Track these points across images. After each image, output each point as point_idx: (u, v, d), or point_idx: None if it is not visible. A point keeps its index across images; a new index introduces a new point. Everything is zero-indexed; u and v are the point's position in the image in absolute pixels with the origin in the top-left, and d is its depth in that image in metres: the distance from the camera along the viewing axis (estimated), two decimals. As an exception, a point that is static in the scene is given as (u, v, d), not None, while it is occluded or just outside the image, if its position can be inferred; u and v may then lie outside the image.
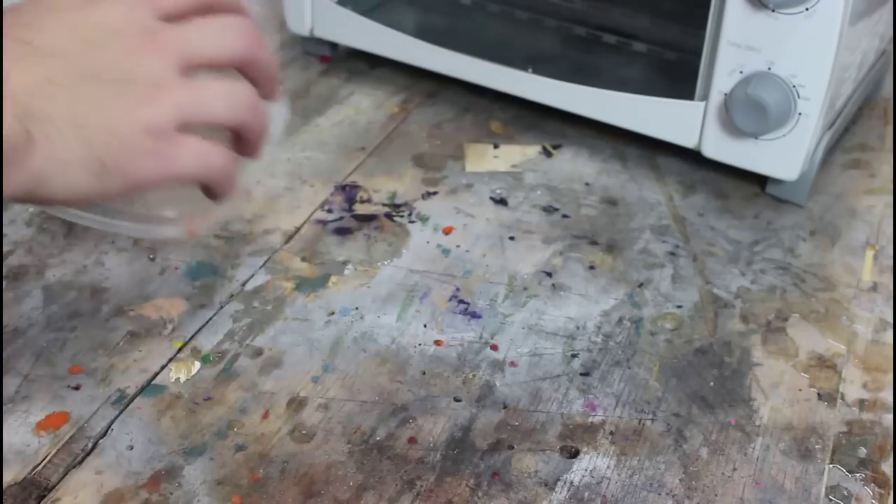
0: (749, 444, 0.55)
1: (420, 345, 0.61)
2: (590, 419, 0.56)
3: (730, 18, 0.66)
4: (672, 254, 0.69)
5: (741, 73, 0.68)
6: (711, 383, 0.59)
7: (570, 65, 0.81)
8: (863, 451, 0.55)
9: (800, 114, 0.67)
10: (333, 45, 0.90)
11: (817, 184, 0.75)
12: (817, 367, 0.60)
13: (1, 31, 0.35)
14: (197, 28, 0.40)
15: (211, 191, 0.43)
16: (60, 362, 0.58)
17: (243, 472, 0.52)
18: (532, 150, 0.80)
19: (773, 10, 0.64)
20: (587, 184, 0.77)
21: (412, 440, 0.54)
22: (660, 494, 0.52)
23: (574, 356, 0.60)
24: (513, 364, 0.60)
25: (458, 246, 0.69)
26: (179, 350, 0.60)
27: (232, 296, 0.64)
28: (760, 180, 0.76)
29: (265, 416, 0.56)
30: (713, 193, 0.76)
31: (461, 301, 0.64)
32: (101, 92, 0.37)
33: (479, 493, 0.51)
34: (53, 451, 0.53)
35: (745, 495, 0.52)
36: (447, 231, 0.71)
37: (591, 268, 0.68)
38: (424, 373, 0.59)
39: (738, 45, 0.67)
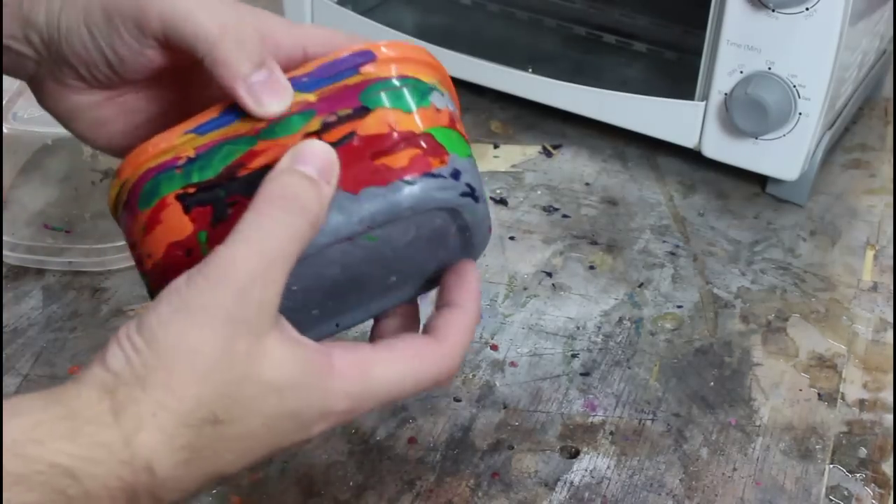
0: (749, 444, 0.55)
1: (420, 345, 0.61)
2: (590, 419, 0.56)
3: (730, 18, 0.66)
4: (672, 254, 0.69)
5: (741, 73, 0.68)
6: (711, 383, 0.59)
7: (570, 65, 0.81)
8: (863, 452, 0.55)
9: (800, 114, 0.67)
10: (333, 45, 0.90)
11: (817, 184, 0.75)
12: (817, 367, 0.60)
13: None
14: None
15: None
16: (60, 362, 0.58)
17: (243, 472, 0.52)
18: (532, 150, 0.80)
19: (774, 10, 0.64)
20: (587, 184, 0.77)
21: (412, 440, 0.54)
22: (660, 494, 0.52)
23: (574, 356, 0.60)
24: (513, 364, 0.60)
25: (458, 246, 0.69)
26: (179, 350, 0.60)
27: (232, 296, 0.64)
28: (760, 180, 0.76)
29: (265, 416, 0.55)
30: (713, 193, 0.76)
31: (461, 301, 0.64)
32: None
33: (479, 493, 0.51)
34: (53, 451, 0.53)
35: (746, 495, 0.52)
36: (447, 231, 0.71)
37: (591, 268, 0.68)
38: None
39: (738, 45, 0.67)
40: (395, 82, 0.38)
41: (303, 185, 0.35)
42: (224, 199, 0.37)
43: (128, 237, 0.39)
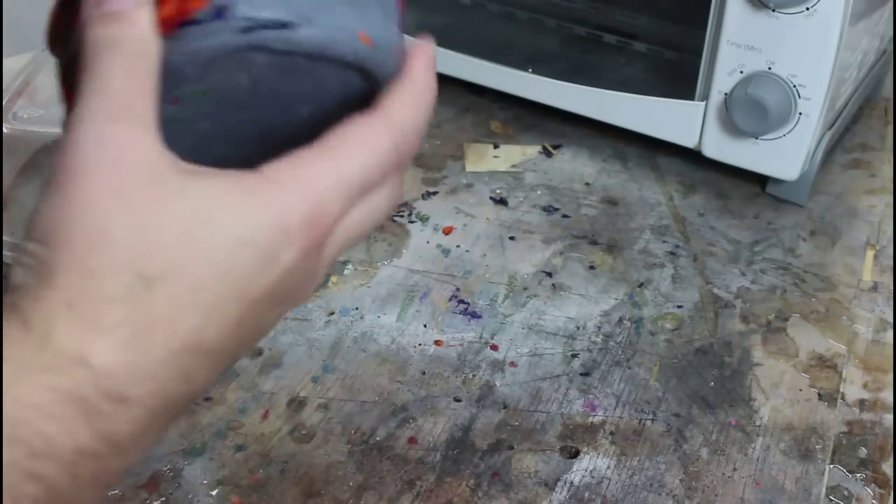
0: (749, 444, 0.55)
1: (420, 345, 0.61)
2: (590, 419, 0.56)
3: (730, 18, 0.66)
4: (672, 254, 0.69)
5: (741, 72, 0.68)
6: (712, 383, 0.59)
7: (570, 65, 0.81)
8: (863, 452, 0.55)
9: (800, 114, 0.67)
10: (333, 45, 0.90)
11: (818, 184, 0.75)
12: (818, 367, 0.60)
13: None
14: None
15: None
16: (60, 362, 0.58)
17: (243, 472, 0.52)
18: (532, 150, 0.80)
19: (774, 10, 0.64)
20: (587, 184, 0.77)
21: (412, 440, 0.54)
22: (660, 495, 0.52)
23: (574, 356, 0.60)
24: (513, 364, 0.60)
25: (458, 246, 0.69)
26: (179, 350, 0.60)
27: (232, 296, 0.64)
28: (760, 180, 0.76)
29: (265, 416, 0.56)
30: (713, 193, 0.76)
31: (461, 301, 0.64)
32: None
33: (479, 493, 0.51)
34: (53, 452, 0.53)
35: (746, 495, 0.52)
36: (447, 231, 0.71)
37: (592, 268, 0.68)
38: (424, 373, 0.59)
39: (738, 45, 0.67)
40: None
41: (115, 31, 0.30)
42: None
43: None
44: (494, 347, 0.61)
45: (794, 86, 0.66)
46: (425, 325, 0.62)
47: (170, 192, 0.28)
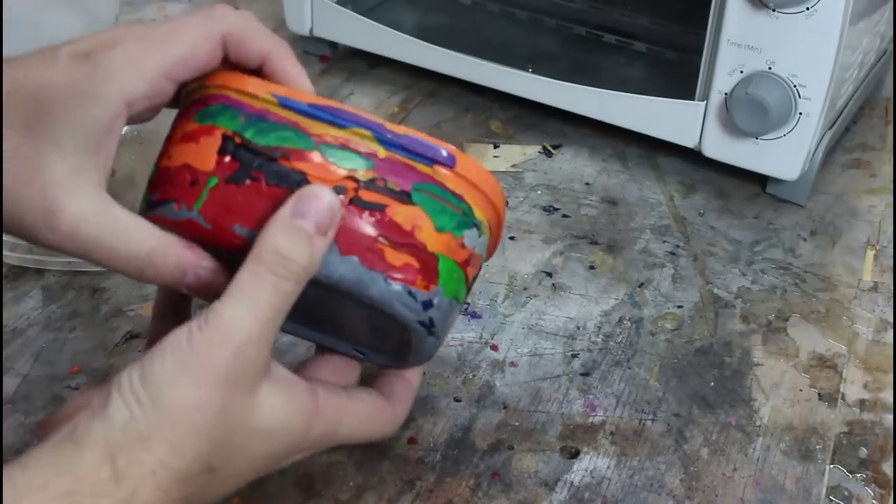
0: (749, 444, 0.55)
1: (420, 345, 0.61)
2: (590, 419, 0.56)
3: (730, 18, 0.66)
4: (672, 254, 0.69)
5: (742, 72, 0.68)
6: (712, 383, 0.59)
7: (570, 65, 0.81)
8: (863, 452, 0.55)
9: (800, 114, 0.67)
10: (333, 45, 0.90)
11: (818, 184, 0.75)
12: (818, 367, 0.60)
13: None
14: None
15: None
16: (60, 362, 0.58)
17: (243, 473, 0.52)
18: (532, 150, 0.80)
19: (774, 10, 0.64)
20: (587, 184, 0.77)
21: (412, 440, 0.54)
22: (660, 495, 0.52)
23: (574, 356, 0.60)
24: (513, 364, 0.60)
25: (458, 246, 0.69)
26: (179, 350, 0.60)
27: (232, 296, 0.64)
28: (761, 180, 0.76)
29: (265, 416, 0.55)
30: (713, 193, 0.76)
31: (461, 301, 0.64)
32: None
33: (479, 494, 0.51)
34: (53, 452, 0.53)
35: (746, 496, 0.52)
36: (447, 231, 0.71)
37: (592, 268, 0.68)
38: (424, 373, 0.59)
39: (738, 45, 0.67)
40: (450, 198, 0.40)
41: (297, 245, 0.37)
42: (250, 170, 0.38)
43: (171, 128, 0.41)
44: (494, 347, 0.61)
45: (795, 86, 0.66)
46: (425, 325, 0.62)
47: (253, 406, 0.37)
